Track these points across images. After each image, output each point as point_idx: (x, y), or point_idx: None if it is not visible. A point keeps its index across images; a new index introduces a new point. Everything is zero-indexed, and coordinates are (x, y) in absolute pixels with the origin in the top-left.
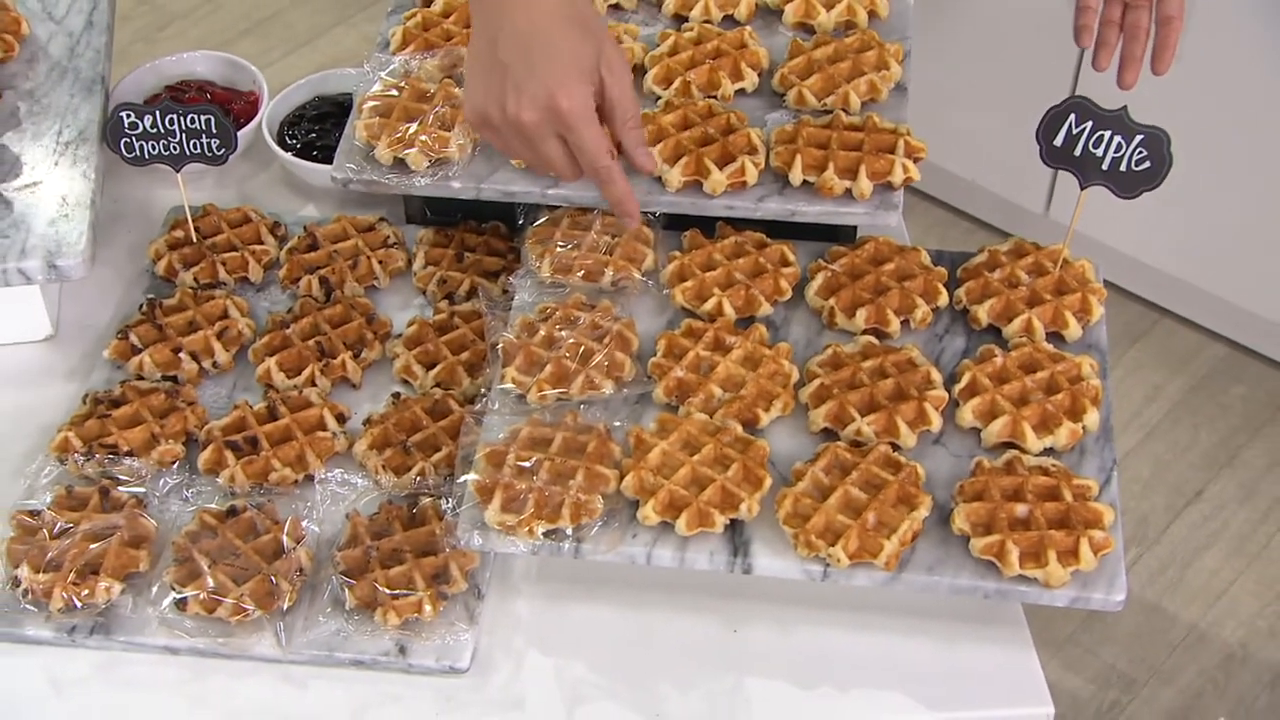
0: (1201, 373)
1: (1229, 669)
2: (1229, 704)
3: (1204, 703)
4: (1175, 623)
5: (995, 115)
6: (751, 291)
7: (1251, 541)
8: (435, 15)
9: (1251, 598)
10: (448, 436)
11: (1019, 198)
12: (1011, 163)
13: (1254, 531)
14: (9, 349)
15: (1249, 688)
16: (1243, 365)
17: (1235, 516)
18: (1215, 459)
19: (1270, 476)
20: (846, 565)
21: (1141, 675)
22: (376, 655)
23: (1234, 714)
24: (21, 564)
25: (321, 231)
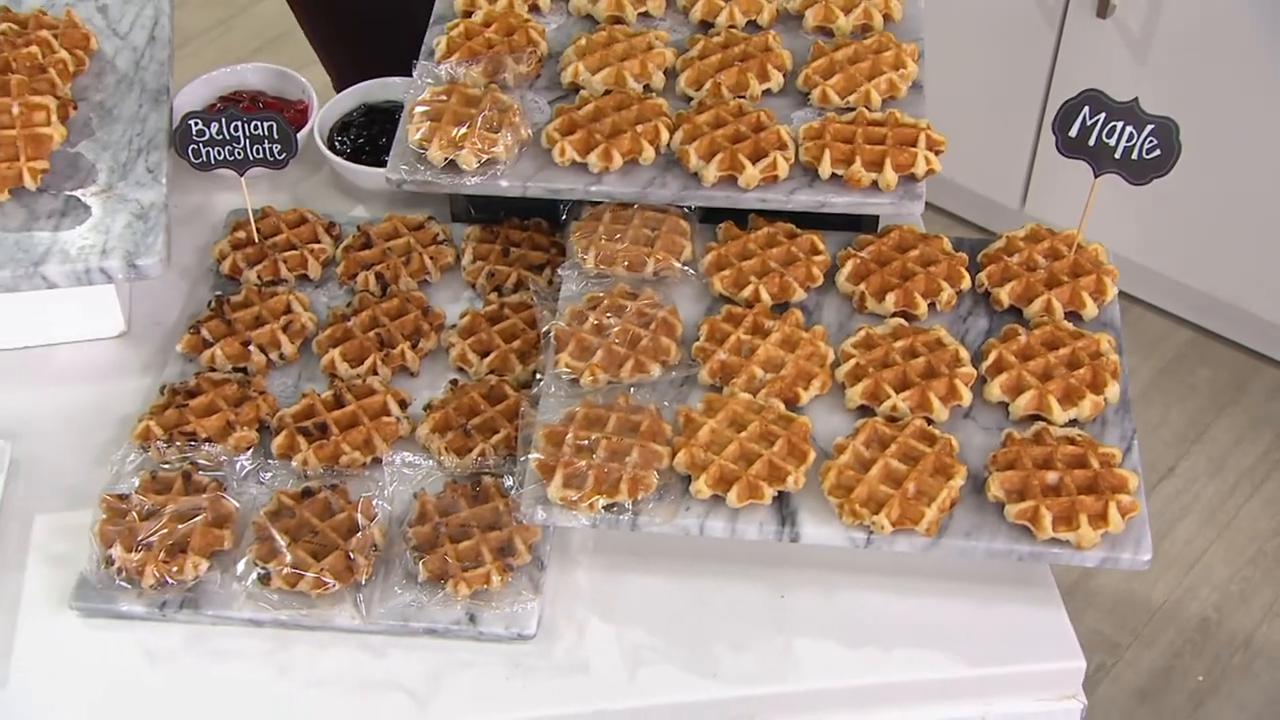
0: (1170, 356)
1: (1205, 631)
2: (1206, 663)
3: (1183, 663)
4: (1154, 590)
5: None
6: (786, 279)
7: (1221, 512)
8: (476, 25)
9: (1223, 565)
10: (504, 419)
11: (996, 194)
12: (988, 161)
13: (1223, 503)
14: (86, 345)
15: (1224, 648)
16: (1208, 348)
17: (1205, 490)
18: (1185, 436)
19: (1236, 451)
20: (889, 532)
21: (1124, 639)
22: (449, 624)
23: (1211, 673)
24: (114, 544)
25: (374, 230)
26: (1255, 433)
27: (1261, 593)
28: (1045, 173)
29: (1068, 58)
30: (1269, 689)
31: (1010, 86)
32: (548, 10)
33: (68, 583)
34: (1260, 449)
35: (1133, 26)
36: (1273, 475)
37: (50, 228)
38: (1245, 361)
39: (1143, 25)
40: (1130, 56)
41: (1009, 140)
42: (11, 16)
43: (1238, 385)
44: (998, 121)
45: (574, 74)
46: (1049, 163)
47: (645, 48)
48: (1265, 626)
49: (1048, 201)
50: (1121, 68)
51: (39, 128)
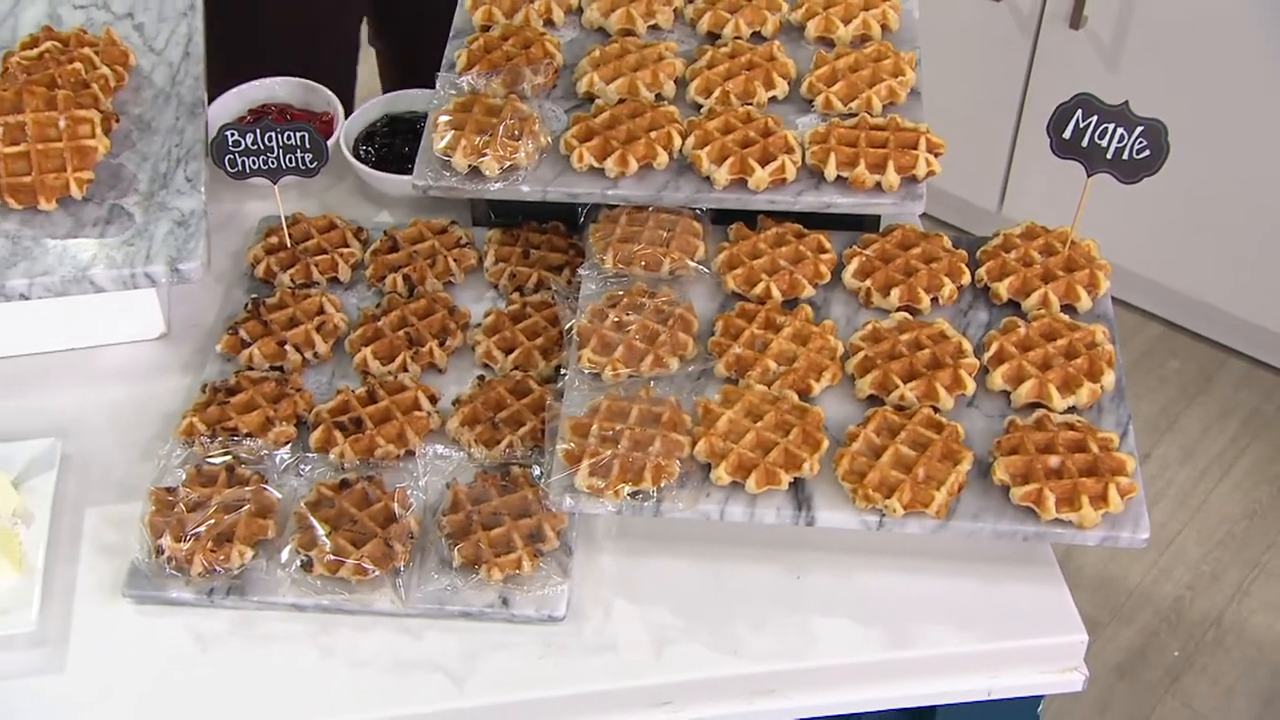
0: (1141, 349)
1: (1179, 609)
2: (1181, 639)
3: (1159, 639)
4: (1131, 570)
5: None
6: (795, 276)
7: (1193, 497)
8: (495, 39)
9: (1195, 546)
10: (529, 412)
11: (975, 197)
12: (967, 165)
13: (1194, 488)
14: (128, 347)
15: (1197, 625)
16: (1177, 341)
17: (1177, 475)
18: (1157, 425)
19: (1205, 439)
20: (901, 515)
21: (1104, 617)
22: (483, 607)
23: (1185, 648)
24: (164, 535)
25: (400, 235)
26: (1223, 421)
27: (1231, 572)
28: (1022, 176)
29: (1042, 67)
30: (1240, 663)
31: (988, 94)
32: (562, 24)
33: (119, 572)
34: (1228, 437)
35: (1104, 37)
36: (1240, 461)
37: (96, 235)
38: (1212, 354)
39: (1113, 36)
40: (1101, 65)
41: (987, 145)
42: (54, 35)
43: (1206, 376)
44: (976, 128)
45: (589, 84)
46: (1025, 167)
47: (656, 58)
48: (1235, 604)
49: (1024, 204)
50: (1093, 76)
51: (84, 140)
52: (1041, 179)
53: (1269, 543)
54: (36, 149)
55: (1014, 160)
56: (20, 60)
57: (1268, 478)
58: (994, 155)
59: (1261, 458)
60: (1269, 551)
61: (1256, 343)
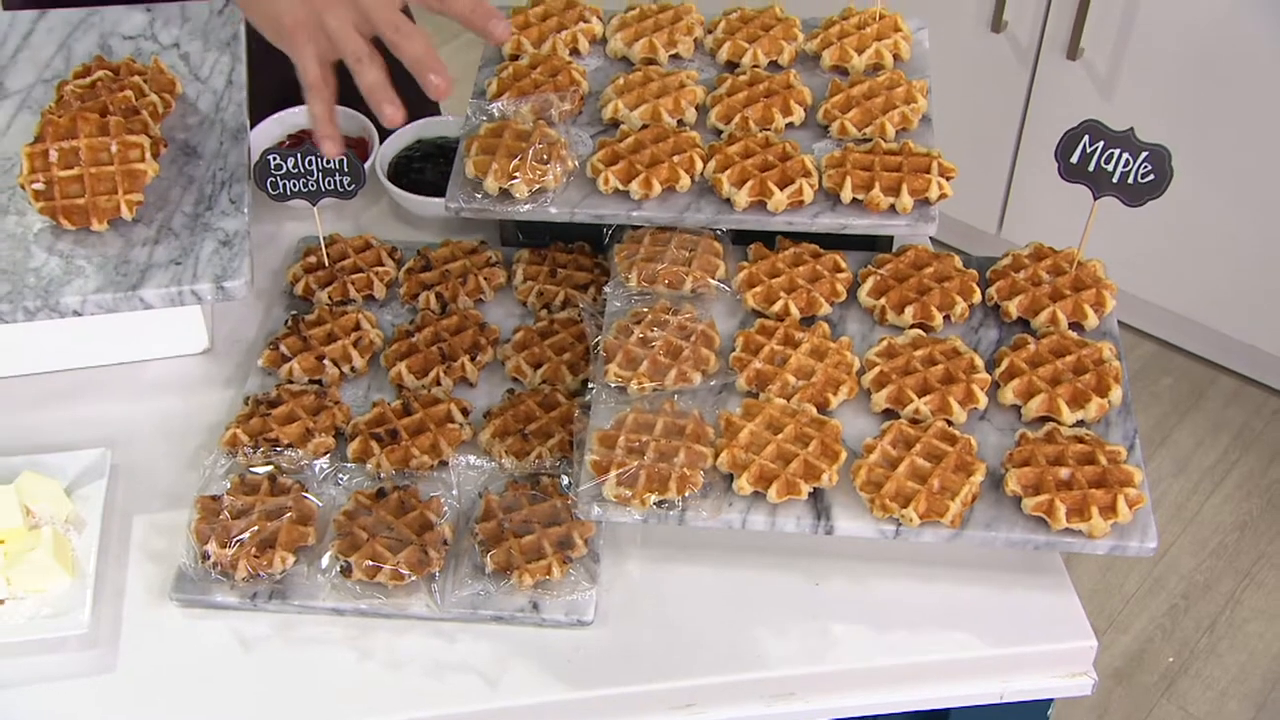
0: (1135, 367)
1: (1174, 617)
2: (1175, 646)
3: (1154, 646)
4: (1127, 579)
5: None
6: (812, 294)
7: (1185, 509)
8: (524, 67)
9: (1189, 556)
10: (558, 425)
11: (975, 220)
12: (967, 190)
13: (1187, 500)
14: (173, 361)
15: (1191, 632)
16: (1169, 359)
17: (1171, 488)
18: (1151, 440)
19: (1198, 453)
20: (917, 524)
21: (1101, 624)
22: (514, 611)
23: (1179, 655)
24: (209, 541)
25: (433, 254)
26: (1214, 436)
27: (1224, 581)
28: (1020, 200)
29: (1040, 95)
30: (1232, 669)
31: (989, 121)
32: (587, 53)
33: (167, 576)
34: (1219, 450)
35: (1099, 67)
36: (1231, 474)
37: (145, 254)
38: (1204, 371)
39: (1108, 67)
40: (1097, 94)
41: (987, 171)
42: (106, 64)
43: (1197, 393)
44: (977, 153)
45: (614, 110)
46: (1024, 191)
47: (678, 86)
48: (1228, 612)
49: (1022, 227)
50: (1089, 104)
51: (134, 164)
52: (1040, 203)
53: (1260, 553)
54: (89, 172)
55: (1013, 184)
56: (74, 88)
57: (1258, 490)
58: (994, 179)
59: (1252, 471)
60: (1260, 562)
61: (1246, 360)
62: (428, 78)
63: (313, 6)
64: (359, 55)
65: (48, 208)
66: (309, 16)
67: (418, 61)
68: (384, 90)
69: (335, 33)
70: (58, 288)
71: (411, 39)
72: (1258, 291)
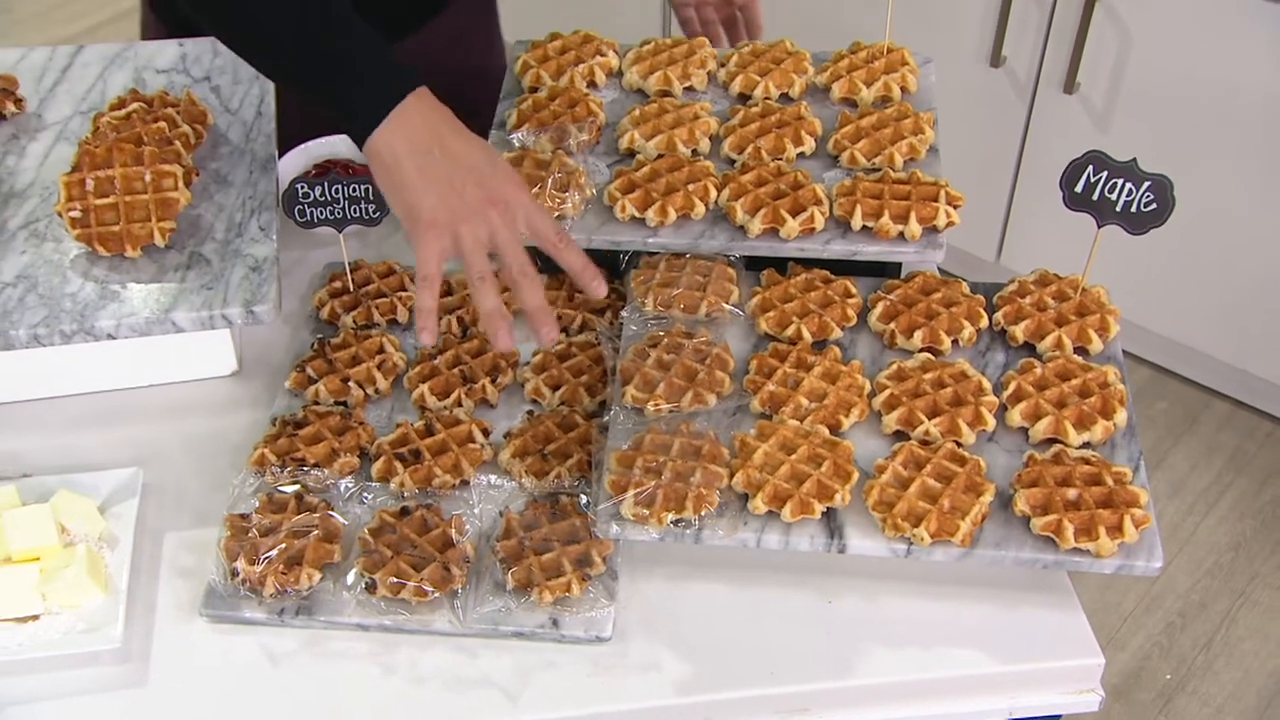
0: (1131, 391)
1: (1171, 635)
2: (1172, 664)
3: (1152, 664)
4: (1125, 597)
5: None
6: (824, 319)
7: (1181, 529)
8: (543, 99)
9: (1185, 575)
10: (576, 445)
11: (975, 248)
12: (967, 219)
13: (1183, 521)
14: (203, 383)
15: (1188, 650)
16: (1164, 384)
17: (1167, 510)
18: (1147, 462)
19: (1193, 475)
20: (928, 544)
21: (1099, 642)
22: (534, 628)
23: (1177, 672)
24: (238, 558)
25: (455, 280)
26: (1208, 459)
27: (1219, 600)
28: (1018, 229)
29: (1038, 128)
30: (1228, 685)
31: (988, 153)
32: (604, 85)
33: (197, 592)
34: (1213, 473)
35: (1095, 101)
36: (1225, 496)
37: (177, 280)
38: (1198, 396)
39: (1104, 100)
40: (1093, 127)
41: (987, 200)
42: (140, 97)
43: (1192, 417)
44: (977, 183)
45: (630, 140)
46: (1022, 219)
47: (692, 117)
48: (1224, 630)
49: (1020, 255)
50: (1085, 137)
51: (168, 192)
52: (1038, 231)
53: (1254, 573)
54: (124, 201)
55: (1011, 213)
56: (110, 120)
57: (1251, 512)
58: (993, 209)
59: (1245, 493)
60: (1254, 581)
61: (1239, 385)
62: (591, 285)
63: (454, 214)
64: (482, 275)
65: (84, 235)
66: (448, 221)
67: (579, 273)
68: (503, 318)
69: (468, 250)
70: (93, 312)
71: (572, 248)
72: (1249, 318)
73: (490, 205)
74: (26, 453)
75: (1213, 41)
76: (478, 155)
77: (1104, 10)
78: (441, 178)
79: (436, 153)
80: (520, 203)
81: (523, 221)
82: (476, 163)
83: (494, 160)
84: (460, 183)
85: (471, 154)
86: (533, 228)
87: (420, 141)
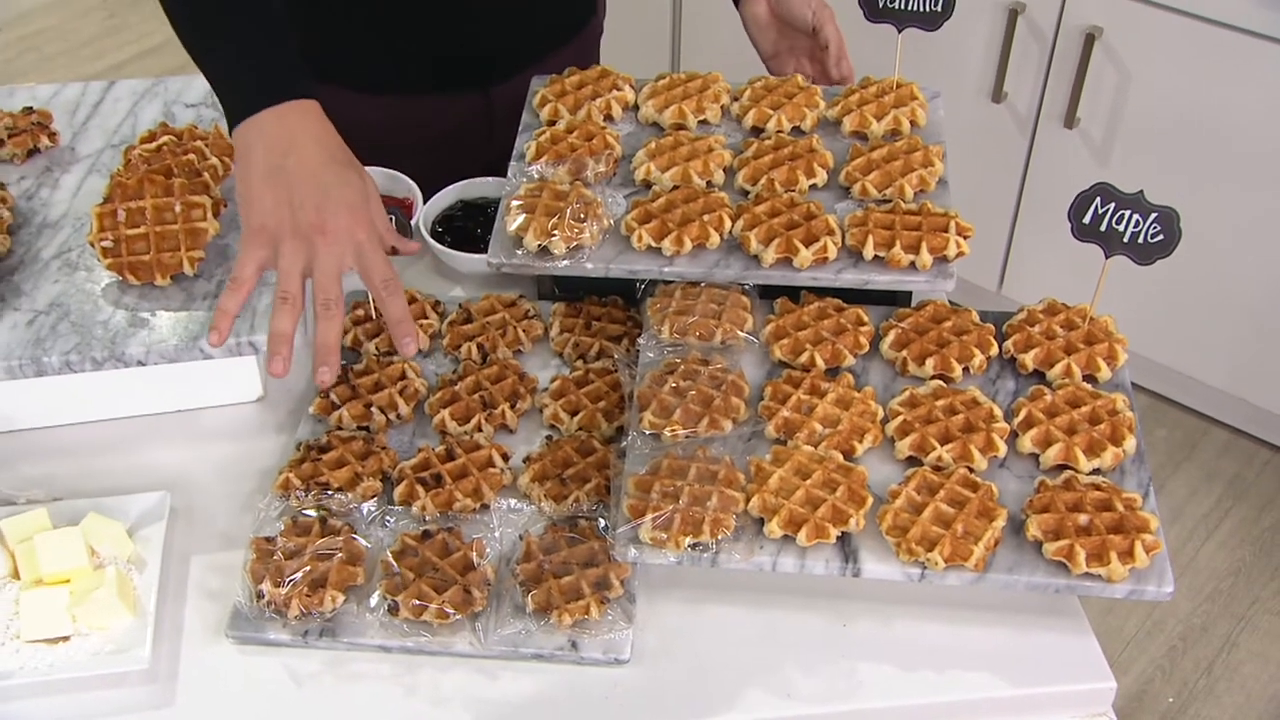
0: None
1: (1173, 659)
2: (1175, 687)
3: (1154, 687)
4: (1127, 622)
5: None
6: (837, 346)
7: (1182, 554)
8: (560, 132)
9: (1186, 600)
10: (594, 470)
11: (977, 278)
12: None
13: (1183, 547)
14: (229, 409)
15: (1189, 673)
16: (1163, 412)
17: (1167, 535)
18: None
19: (1192, 502)
20: (942, 568)
21: None
22: (553, 650)
23: (1179, 695)
24: (264, 581)
25: (474, 307)
26: (1208, 485)
27: (1220, 625)
28: (1019, 259)
29: (1039, 161)
30: (1230, 709)
31: (990, 186)
32: (620, 119)
33: (223, 614)
34: (1212, 499)
35: (1095, 136)
36: (1224, 522)
37: (206, 308)
38: (1196, 423)
39: (1103, 135)
40: (1093, 161)
41: (989, 231)
42: (170, 130)
43: (1190, 444)
44: (979, 215)
45: (646, 172)
46: (1023, 251)
47: (706, 150)
48: (1225, 654)
49: (1021, 285)
50: (1085, 171)
51: (197, 223)
52: (1038, 262)
53: (1254, 598)
54: (154, 231)
55: (1013, 245)
56: (141, 153)
57: (1250, 538)
58: (995, 240)
59: (1244, 519)
60: (1254, 606)
61: (1237, 413)
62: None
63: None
64: (284, 295)
65: (115, 264)
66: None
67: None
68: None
69: (281, 269)
70: (123, 339)
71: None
72: (1247, 348)
73: (319, 233)
74: (57, 477)
75: (1208, 78)
76: (330, 181)
77: (1103, 48)
78: (283, 190)
79: (291, 165)
80: (354, 239)
81: (352, 257)
82: (325, 187)
83: (348, 191)
84: (299, 202)
85: (323, 178)
86: (362, 266)
87: (279, 148)
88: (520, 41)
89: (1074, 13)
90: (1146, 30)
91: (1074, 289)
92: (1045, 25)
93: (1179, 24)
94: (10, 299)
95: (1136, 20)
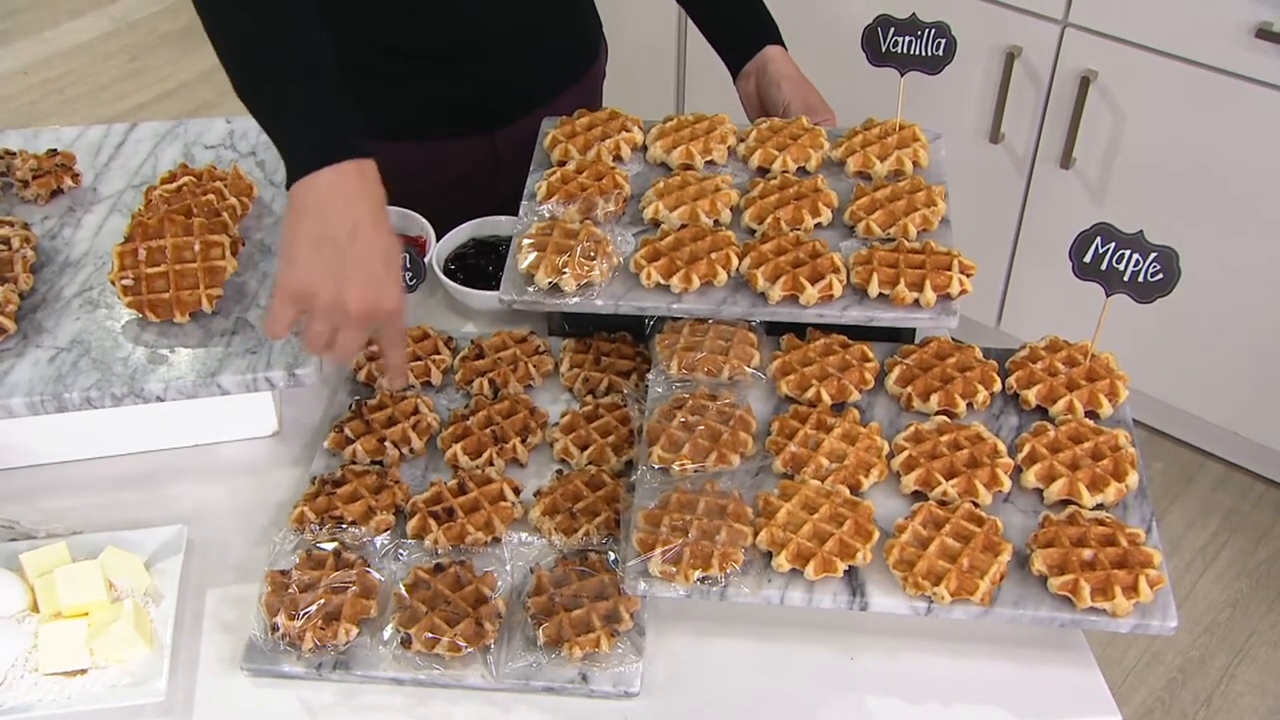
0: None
1: (1172, 690)
2: (1175, 718)
3: (1154, 718)
4: (1126, 653)
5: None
6: (842, 382)
7: (1179, 587)
8: (571, 172)
9: (1184, 632)
10: (604, 503)
11: (975, 314)
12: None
13: (1181, 578)
14: (245, 443)
15: (1189, 705)
16: (1159, 445)
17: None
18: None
19: (1189, 534)
20: (948, 602)
21: None
22: (564, 682)
23: None
24: (278, 613)
25: (486, 343)
26: (1204, 518)
27: (1218, 656)
28: (1017, 297)
29: (1036, 201)
30: None
31: (988, 225)
32: (629, 159)
33: (238, 647)
34: (1209, 532)
35: (1091, 176)
36: (1221, 555)
37: (223, 344)
38: (1192, 457)
39: (1099, 175)
40: (1089, 201)
41: (987, 270)
42: (190, 171)
43: (1187, 477)
44: (977, 254)
45: (654, 211)
46: (1020, 289)
47: (714, 189)
48: (1223, 685)
49: (1019, 322)
50: (1081, 210)
51: (215, 261)
52: (1036, 300)
53: (1251, 630)
54: (174, 269)
55: (1011, 282)
56: (161, 193)
57: (1246, 570)
58: (993, 278)
59: (1241, 551)
60: (1252, 638)
61: (1232, 448)
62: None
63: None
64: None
65: (135, 302)
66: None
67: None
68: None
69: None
70: (143, 375)
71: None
72: (1242, 383)
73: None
74: (76, 510)
75: (1201, 121)
76: (377, 261)
77: (1098, 91)
78: (332, 263)
79: (342, 238)
80: (390, 323)
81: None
82: (373, 269)
83: (391, 268)
84: (346, 277)
85: (373, 258)
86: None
87: (335, 220)
88: (528, 85)
89: (1069, 56)
90: (1141, 74)
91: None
92: (1041, 68)
93: (1172, 68)
94: (33, 336)
95: (1131, 64)
